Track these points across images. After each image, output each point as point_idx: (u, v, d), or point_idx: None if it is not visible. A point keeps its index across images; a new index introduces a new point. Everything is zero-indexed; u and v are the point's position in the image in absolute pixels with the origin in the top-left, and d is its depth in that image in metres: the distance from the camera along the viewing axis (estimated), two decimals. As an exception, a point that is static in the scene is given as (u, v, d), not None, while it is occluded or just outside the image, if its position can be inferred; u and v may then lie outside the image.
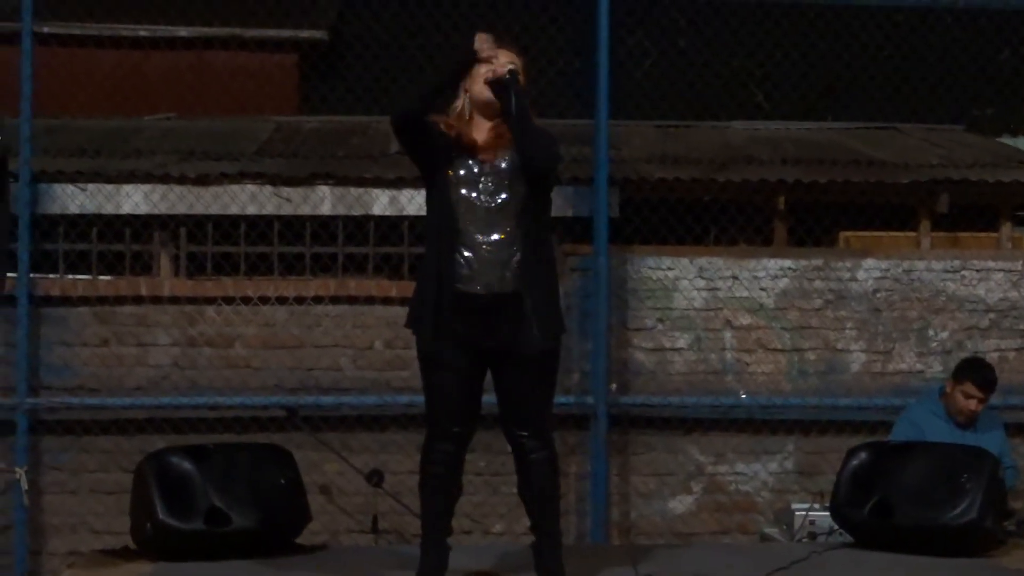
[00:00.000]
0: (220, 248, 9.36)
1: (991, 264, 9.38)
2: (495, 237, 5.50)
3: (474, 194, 5.51)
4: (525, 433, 5.62)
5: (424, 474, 5.68)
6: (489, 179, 5.52)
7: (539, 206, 5.59)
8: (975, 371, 7.85)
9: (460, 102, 5.61)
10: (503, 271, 5.49)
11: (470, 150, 5.55)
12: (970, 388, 7.76)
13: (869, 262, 9.34)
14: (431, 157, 5.57)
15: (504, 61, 5.51)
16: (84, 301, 9.06)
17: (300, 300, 9.10)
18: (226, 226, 9.29)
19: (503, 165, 5.53)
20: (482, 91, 5.55)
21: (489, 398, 5.68)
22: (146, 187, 9.22)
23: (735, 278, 9.27)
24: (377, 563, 6.40)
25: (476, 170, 5.53)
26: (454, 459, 5.65)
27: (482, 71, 5.54)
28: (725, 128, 11.15)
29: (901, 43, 11.34)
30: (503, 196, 5.52)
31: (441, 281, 5.50)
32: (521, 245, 5.50)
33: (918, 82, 11.11)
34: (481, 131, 5.59)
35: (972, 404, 7.77)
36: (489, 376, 5.69)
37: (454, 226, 5.49)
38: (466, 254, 5.49)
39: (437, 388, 5.59)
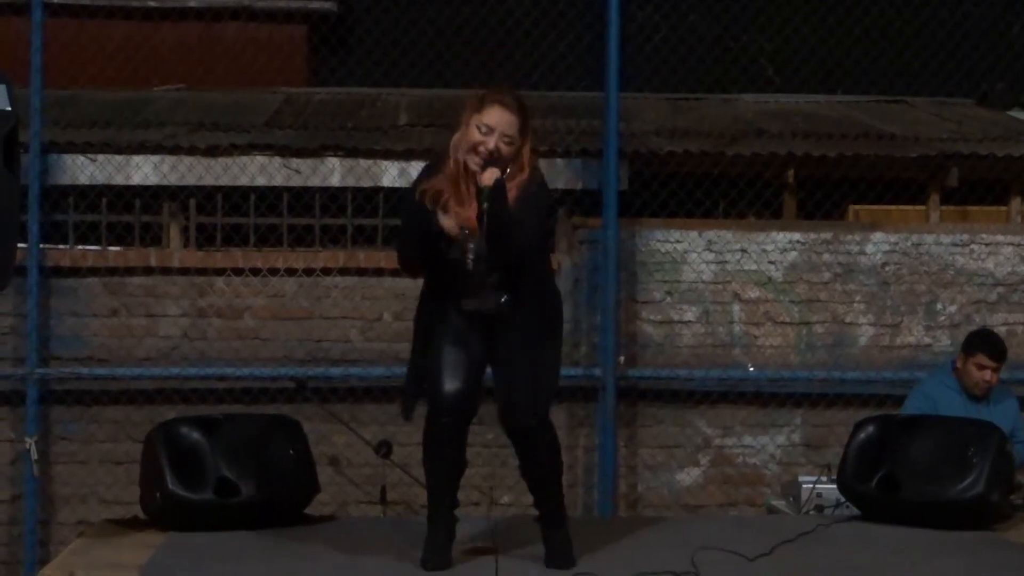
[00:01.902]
0: (230, 219, 9.37)
1: (1000, 238, 9.38)
2: (485, 294, 5.56)
3: (468, 256, 5.54)
4: (529, 423, 5.63)
5: (428, 449, 5.70)
6: (473, 243, 5.53)
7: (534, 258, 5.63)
8: (986, 341, 7.85)
9: (456, 149, 5.56)
10: (487, 299, 5.57)
11: (460, 210, 5.53)
12: (983, 359, 7.77)
13: (878, 236, 9.34)
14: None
15: (488, 175, 5.39)
16: (94, 272, 9.08)
17: (309, 272, 9.11)
18: (236, 197, 9.30)
19: (467, 233, 5.56)
20: (468, 151, 5.49)
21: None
22: (156, 158, 9.23)
23: (744, 251, 9.27)
24: (385, 534, 6.43)
25: (464, 233, 5.53)
26: (457, 433, 5.67)
27: (474, 132, 5.46)
28: (735, 101, 11.14)
29: (911, 16, 11.30)
30: (486, 266, 5.54)
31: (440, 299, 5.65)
32: (508, 296, 5.56)
33: (928, 56, 11.07)
34: (460, 184, 5.55)
35: (987, 375, 7.77)
36: None
37: (447, 288, 5.61)
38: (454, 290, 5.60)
39: (439, 362, 5.61)
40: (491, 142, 5.44)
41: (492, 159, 5.42)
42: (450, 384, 5.59)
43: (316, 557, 5.96)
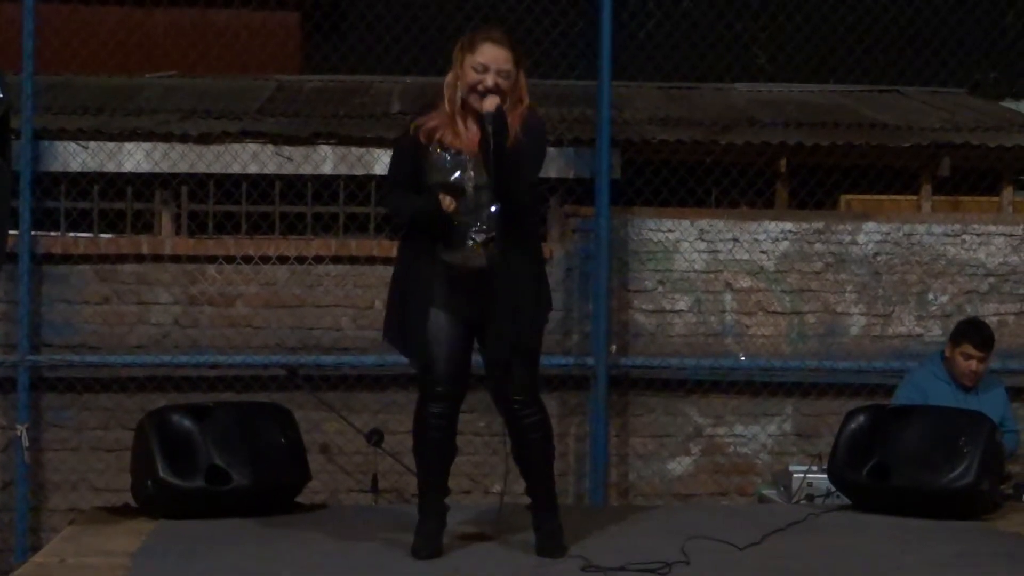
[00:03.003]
0: (221, 207, 9.36)
1: (992, 228, 9.39)
2: (479, 226, 5.52)
3: (445, 180, 5.53)
4: (518, 398, 5.63)
5: (418, 437, 5.71)
6: (474, 175, 5.53)
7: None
8: (972, 331, 7.87)
9: (455, 93, 5.57)
10: (484, 251, 5.52)
11: (458, 146, 5.55)
12: (968, 349, 7.79)
13: (870, 225, 9.34)
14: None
15: (490, 101, 5.44)
16: (85, 259, 9.07)
17: (301, 259, 9.11)
18: (227, 185, 9.29)
19: (469, 159, 5.55)
20: (467, 92, 5.52)
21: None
22: (147, 145, 9.21)
23: (736, 240, 9.27)
24: (376, 522, 6.43)
25: (461, 167, 5.54)
26: (448, 421, 5.67)
27: (470, 72, 5.49)
28: (728, 90, 11.14)
29: (904, 6, 11.29)
30: (487, 193, 5.52)
31: (425, 254, 5.57)
32: (503, 230, 5.52)
33: (921, 45, 11.07)
34: (459, 119, 5.57)
35: (973, 364, 7.79)
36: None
37: (434, 241, 5.56)
38: (450, 238, 5.53)
39: (426, 337, 5.60)
40: (489, 79, 5.48)
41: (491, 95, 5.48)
42: (439, 366, 5.60)
43: (307, 545, 5.96)
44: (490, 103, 5.42)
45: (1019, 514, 6.77)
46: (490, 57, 5.50)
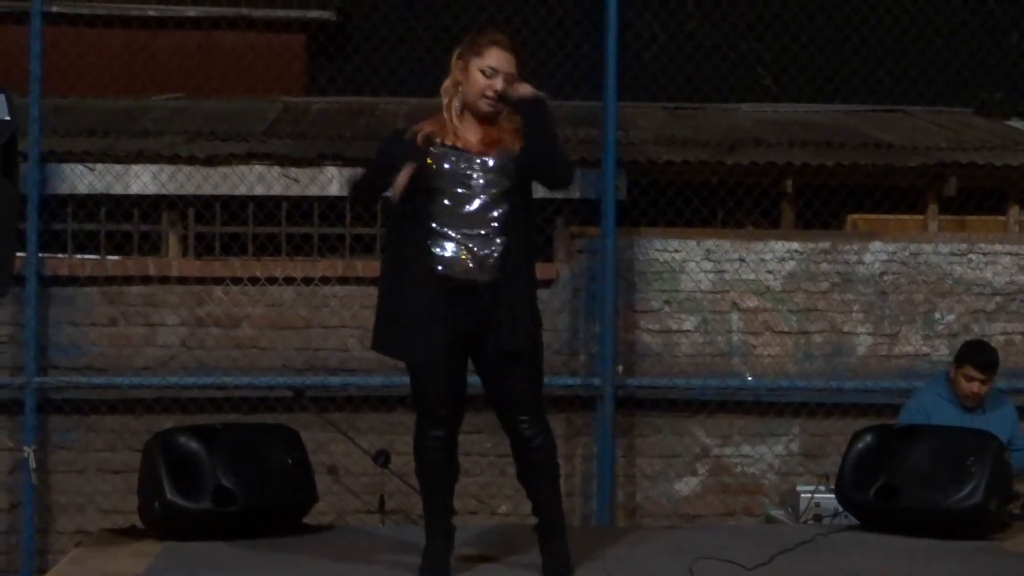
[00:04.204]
0: (228, 228, 9.37)
1: (998, 247, 9.38)
2: (478, 231, 5.49)
3: (459, 189, 5.49)
4: (525, 419, 5.60)
5: (419, 460, 5.70)
6: (478, 174, 5.52)
7: (526, 204, 5.61)
8: (974, 353, 7.85)
9: (453, 99, 5.56)
10: (483, 262, 5.48)
11: (461, 146, 5.53)
12: (970, 371, 7.77)
13: (876, 245, 9.34)
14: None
15: (524, 87, 5.48)
16: (92, 281, 9.08)
17: (307, 281, 9.11)
18: (234, 206, 9.31)
19: (491, 163, 5.52)
20: (477, 96, 5.50)
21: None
22: (154, 167, 9.23)
23: (742, 260, 9.27)
24: (384, 543, 6.42)
25: (464, 164, 5.51)
26: (447, 443, 5.65)
27: (479, 77, 5.50)
28: (733, 110, 11.14)
29: (910, 26, 11.31)
30: (492, 191, 5.51)
31: (420, 266, 5.48)
32: (503, 240, 5.50)
33: (927, 65, 11.08)
34: (471, 129, 5.56)
35: (975, 387, 7.77)
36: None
37: (434, 217, 5.48)
38: (447, 244, 5.48)
39: (422, 373, 5.58)
40: (498, 83, 5.49)
41: (500, 99, 5.48)
42: (434, 388, 5.55)
43: (314, 566, 5.95)
44: (525, 88, 5.45)
45: (1027, 534, 6.76)
46: (498, 60, 5.51)
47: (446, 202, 5.48)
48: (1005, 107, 11.70)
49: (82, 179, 9.15)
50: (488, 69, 5.49)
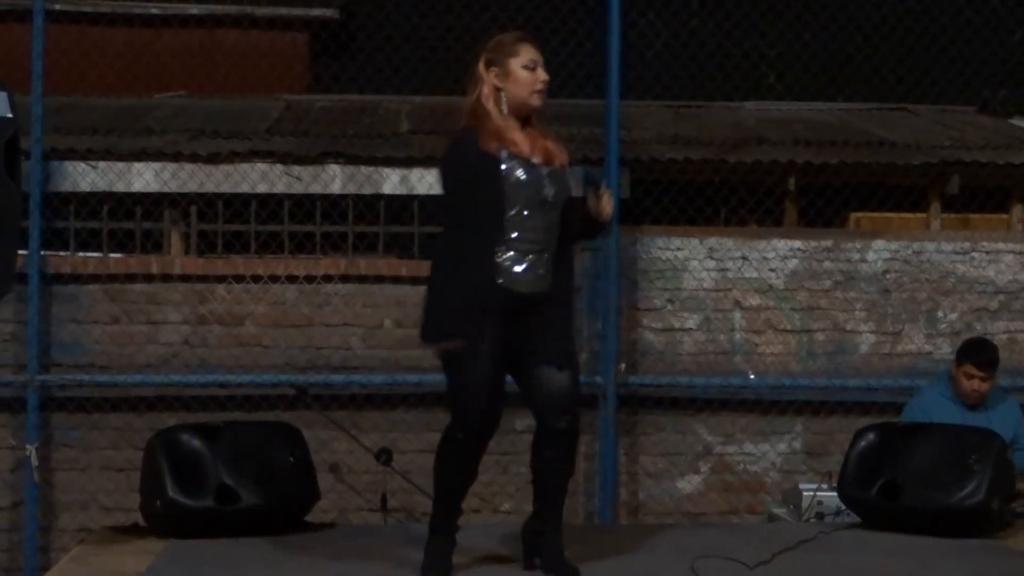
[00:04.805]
0: (230, 226, 9.37)
1: (1001, 246, 9.37)
2: (541, 244, 5.51)
3: (531, 199, 5.49)
4: (564, 404, 5.57)
5: (445, 462, 5.60)
6: (548, 185, 5.53)
7: (566, 215, 5.64)
8: (974, 351, 7.84)
9: (498, 106, 5.55)
10: (537, 271, 5.50)
11: (526, 155, 5.52)
12: (970, 368, 7.75)
13: (879, 243, 9.33)
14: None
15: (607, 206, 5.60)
16: (95, 279, 9.08)
17: (310, 279, 9.11)
18: (237, 204, 9.31)
19: (555, 174, 5.56)
20: (528, 93, 5.52)
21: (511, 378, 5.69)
22: (157, 165, 9.22)
23: (745, 259, 9.27)
24: (386, 541, 6.42)
25: (535, 175, 5.51)
26: (480, 453, 5.59)
27: (523, 74, 5.51)
28: (737, 109, 11.14)
29: (914, 24, 11.31)
30: (556, 202, 5.55)
31: (483, 274, 5.44)
32: (554, 248, 5.55)
33: (930, 63, 11.08)
34: (520, 136, 5.55)
35: (975, 384, 7.76)
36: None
37: (501, 220, 5.46)
38: (515, 256, 5.47)
39: (471, 373, 5.49)
40: (541, 73, 5.55)
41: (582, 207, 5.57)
42: (477, 403, 5.46)
43: (317, 564, 5.95)
44: (608, 208, 5.59)
45: (1030, 532, 6.76)
46: (533, 54, 5.56)
47: (521, 212, 5.47)
48: (1009, 106, 11.70)
49: (84, 177, 9.15)
50: (530, 62, 5.54)
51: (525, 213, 5.48)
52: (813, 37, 11.11)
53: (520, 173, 5.48)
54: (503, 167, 5.46)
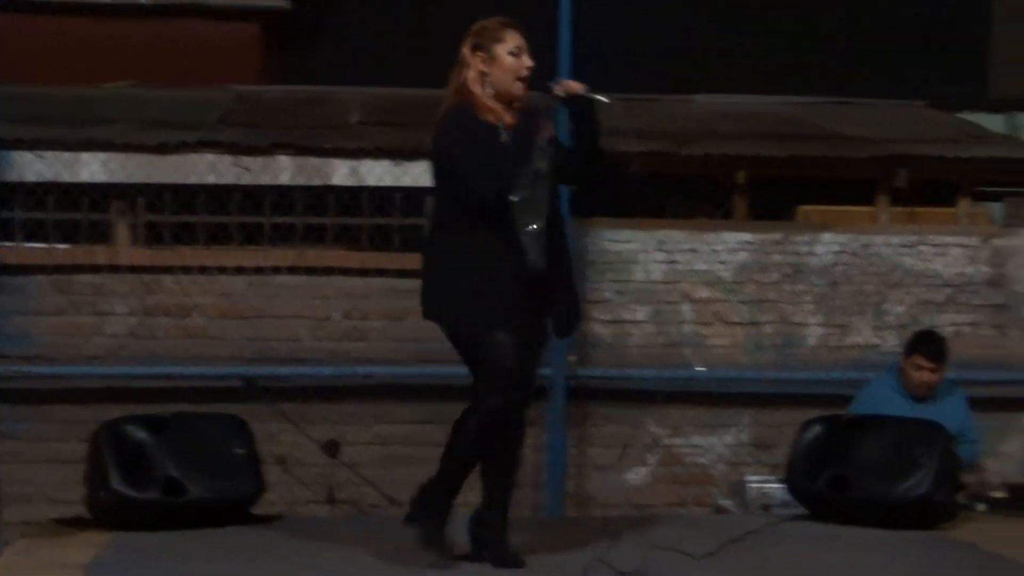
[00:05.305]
0: (178, 217, 9.31)
1: (948, 239, 9.42)
2: (538, 218, 5.55)
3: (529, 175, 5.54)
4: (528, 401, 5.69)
5: (481, 444, 5.62)
6: (541, 159, 5.58)
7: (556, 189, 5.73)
8: (924, 343, 7.90)
9: (483, 86, 5.59)
10: (541, 244, 5.55)
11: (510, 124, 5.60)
12: (920, 360, 7.81)
13: (827, 236, 9.37)
14: None
15: (575, 84, 5.73)
16: (41, 270, 9.01)
17: (259, 270, 9.07)
18: (185, 195, 9.25)
19: (545, 149, 5.60)
20: (513, 79, 5.61)
21: (460, 369, 5.70)
22: (104, 155, 9.16)
23: (694, 251, 9.29)
24: (333, 534, 6.41)
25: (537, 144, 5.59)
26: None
27: (509, 60, 5.58)
28: (688, 102, 11.14)
29: (865, 18, 11.37)
30: (548, 174, 5.63)
31: (505, 259, 5.49)
32: (553, 225, 5.62)
33: (881, 57, 11.14)
34: (503, 109, 5.62)
35: (924, 376, 7.81)
36: (448, 346, 5.72)
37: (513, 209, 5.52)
38: (522, 235, 5.53)
39: (511, 356, 5.51)
40: (528, 60, 5.65)
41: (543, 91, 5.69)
42: (525, 383, 5.59)
43: (263, 557, 5.93)
44: (577, 85, 5.66)
45: (974, 523, 6.82)
46: (519, 40, 5.67)
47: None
48: (958, 100, 11.75)
49: (31, 167, 9.07)
50: (515, 49, 5.63)
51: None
52: (764, 31, 11.13)
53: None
54: (503, 137, 5.54)
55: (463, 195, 5.49)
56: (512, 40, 5.63)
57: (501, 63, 5.59)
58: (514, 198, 5.44)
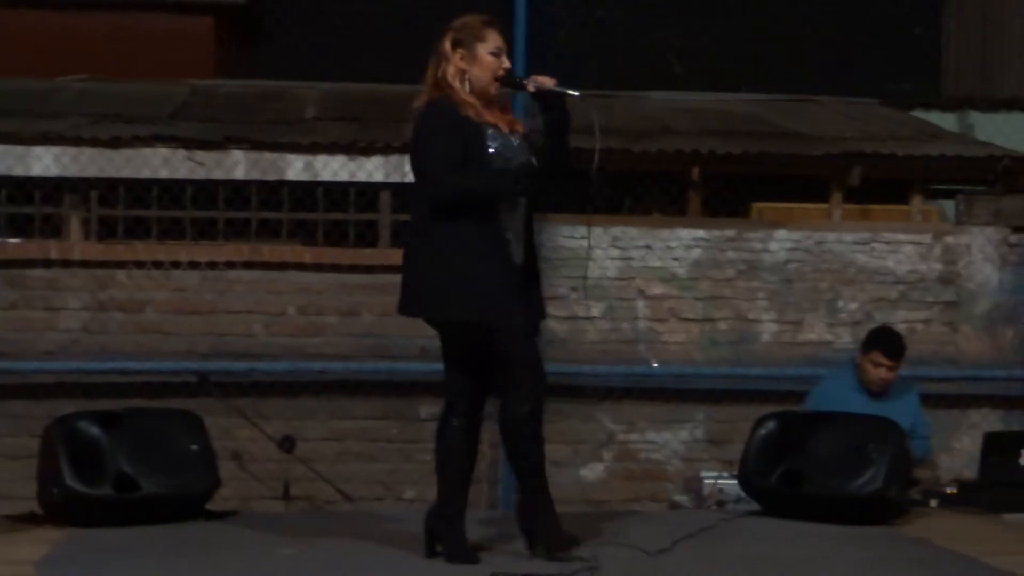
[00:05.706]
0: (132, 212, 9.28)
1: (901, 236, 9.48)
2: (520, 214, 5.60)
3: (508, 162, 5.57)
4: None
5: (534, 438, 5.68)
6: (515, 155, 5.59)
7: None
8: (882, 339, 7.93)
9: (462, 82, 5.58)
10: (520, 242, 5.59)
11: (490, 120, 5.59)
12: (878, 356, 7.84)
13: (781, 233, 9.41)
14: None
15: (548, 79, 5.65)
16: (-8, 264, 8.97)
17: (213, 265, 9.05)
18: (138, 190, 9.22)
19: (520, 143, 5.62)
20: (491, 78, 5.59)
21: (415, 365, 5.69)
22: (57, 149, 9.11)
23: (648, 248, 9.31)
24: (288, 530, 6.39)
25: (505, 144, 5.58)
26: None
27: (489, 59, 5.57)
28: (643, 99, 11.16)
29: (819, 16, 11.40)
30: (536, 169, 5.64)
31: (496, 255, 5.50)
32: (527, 222, 5.66)
33: (835, 55, 11.17)
34: (482, 105, 5.60)
35: (882, 372, 7.84)
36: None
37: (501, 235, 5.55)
38: (507, 231, 5.56)
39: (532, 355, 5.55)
40: (506, 61, 5.64)
41: (508, 83, 5.65)
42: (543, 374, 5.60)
43: (217, 553, 5.91)
44: (547, 79, 5.62)
45: (925, 519, 6.85)
46: (499, 41, 5.65)
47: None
48: (911, 98, 11.81)
49: (-17, 160, 9.03)
50: (496, 49, 5.61)
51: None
52: (720, 28, 11.16)
53: (499, 142, 5.56)
54: (487, 132, 5.55)
55: (424, 189, 5.51)
56: (493, 40, 5.61)
57: (481, 62, 5.57)
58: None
